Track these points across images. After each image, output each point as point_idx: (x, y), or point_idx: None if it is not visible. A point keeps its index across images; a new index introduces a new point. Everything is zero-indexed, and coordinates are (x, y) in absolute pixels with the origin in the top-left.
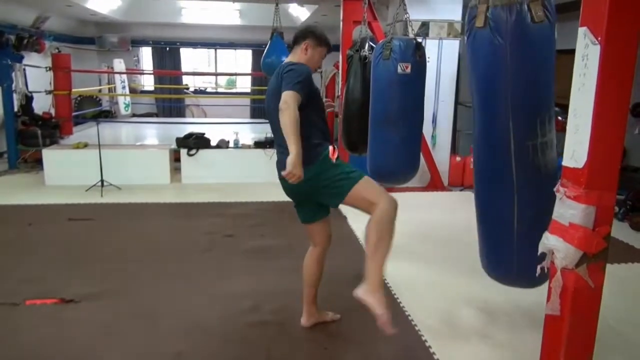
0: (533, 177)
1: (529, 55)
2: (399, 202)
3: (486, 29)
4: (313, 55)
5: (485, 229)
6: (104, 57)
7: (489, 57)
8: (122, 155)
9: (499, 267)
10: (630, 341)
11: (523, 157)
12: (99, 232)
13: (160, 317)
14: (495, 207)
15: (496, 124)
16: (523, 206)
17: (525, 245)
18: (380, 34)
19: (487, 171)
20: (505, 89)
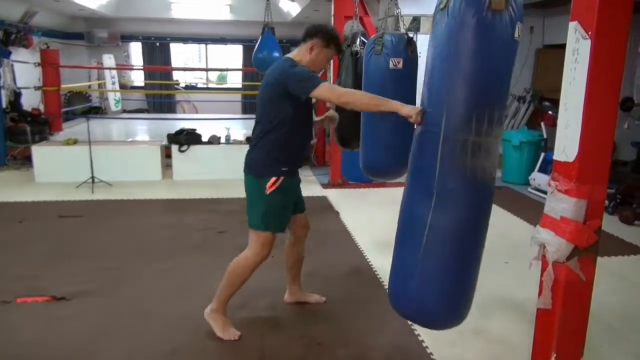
0: (455, 180)
1: (478, 42)
2: (391, 197)
3: (445, 10)
4: (318, 56)
5: (397, 235)
6: (94, 52)
7: (440, 38)
8: (113, 151)
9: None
10: (622, 333)
11: (449, 153)
12: (90, 229)
13: (152, 314)
14: (409, 208)
15: (433, 108)
16: (436, 212)
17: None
18: (372, 29)
19: (412, 164)
20: (445, 76)
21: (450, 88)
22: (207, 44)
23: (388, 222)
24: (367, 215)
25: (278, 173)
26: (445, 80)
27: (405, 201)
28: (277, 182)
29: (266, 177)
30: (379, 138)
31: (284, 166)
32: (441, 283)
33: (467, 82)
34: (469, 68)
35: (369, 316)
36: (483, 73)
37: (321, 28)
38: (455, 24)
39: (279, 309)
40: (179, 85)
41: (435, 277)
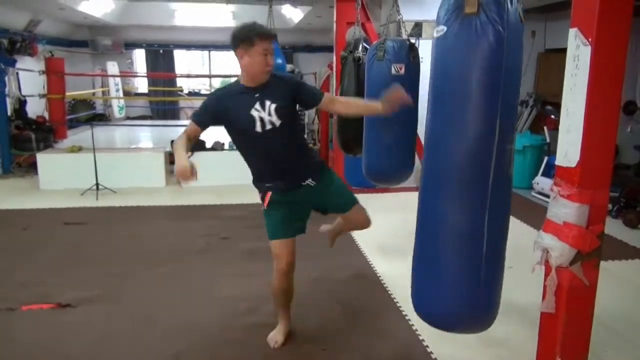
0: (504, 188)
1: (516, 51)
2: (394, 202)
3: (480, 16)
4: (250, 60)
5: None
6: (98, 60)
7: (482, 45)
8: (117, 158)
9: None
10: (626, 338)
11: (501, 164)
12: (95, 235)
13: (157, 320)
14: (455, 223)
15: (480, 120)
16: (492, 221)
17: (493, 271)
18: (374, 35)
19: (453, 179)
20: (498, 81)
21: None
22: (210, 50)
23: (392, 228)
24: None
25: (263, 190)
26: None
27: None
28: (266, 199)
29: (259, 193)
30: (381, 143)
31: (266, 183)
32: (498, 288)
33: (512, 91)
34: (517, 73)
35: (374, 321)
36: (518, 79)
37: (235, 32)
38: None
39: None
40: (183, 92)
41: (497, 282)
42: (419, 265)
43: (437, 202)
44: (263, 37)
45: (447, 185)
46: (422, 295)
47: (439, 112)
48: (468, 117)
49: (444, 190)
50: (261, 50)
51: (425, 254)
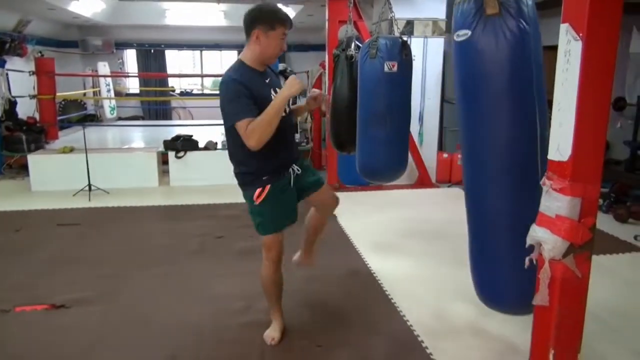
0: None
1: (539, 43)
2: (387, 200)
3: (503, 15)
4: (268, 43)
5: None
6: (88, 60)
7: (512, 45)
8: (110, 159)
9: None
10: (617, 329)
11: (544, 150)
12: (88, 236)
13: (152, 320)
14: (515, 211)
15: (523, 116)
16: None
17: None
18: (366, 33)
19: (508, 175)
20: (531, 77)
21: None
22: (202, 50)
23: (386, 225)
24: (365, 218)
25: (261, 184)
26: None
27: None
28: (263, 193)
29: (251, 190)
30: (375, 141)
31: (264, 175)
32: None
33: (541, 80)
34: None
35: (369, 318)
36: (541, 69)
37: (257, 12)
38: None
39: None
40: (174, 92)
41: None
42: (477, 256)
43: (491, 197)
44: (284, 22)
45: (497, 179)
46: (484, 283)
47: (474, 112)
48: (509, 112)
49: (495, 185)
50: (281, 35)
51: (482, 246)
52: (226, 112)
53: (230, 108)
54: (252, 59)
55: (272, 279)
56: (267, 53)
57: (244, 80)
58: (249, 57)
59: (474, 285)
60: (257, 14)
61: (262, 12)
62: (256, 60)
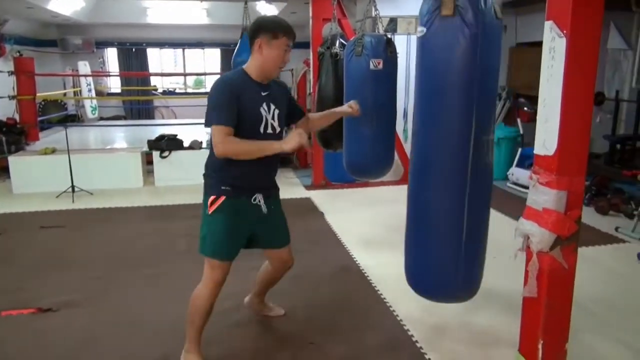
0: (483, 176)
1: (492, 48)
2: (374, 196)
3: (456, 17)
4: (270, 53)
5: (420, 234)
6: (68, 59)
7: (458, 46)
8: (93, 159)
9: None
10: (602, 319)
11: (479, 154)
12: (72, 238)
13: (142, 322)
14: (440, 207)
15: (456, 116)
16: (472, 205)
17: (473, 249)
18: (350, 31)
19: (436, 168)
20: (473, 79)
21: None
22: (184, 48)
23: (373, 221)
24: (352, 215)
25: (218, 192)
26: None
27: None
28: (217, 202)
29: (208, 195)
30: (361, 138)
31: (224, 185)
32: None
33: (488, 87)
34: (494, 70)
35: (359, 314)
36: (495, 76)
37: (260, 22)
38: (477, 31)
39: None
40: (157, 91)
41: (477, 260)
42: (410, 246)
43: (424, 191)
44: (288, 34)
45: (431, 175)
46: (414, 272)
47: (423, 108)
48: (447, 112)
49: (429, 180)
50: (283, 46)
51: (414, 237)
52: (209, 112)
53: (213, 109)
54: (254, 70)
55: (208, 302)
56: (269, 63)
57: (237, 85)
58: (251, 67)
59: (406, 272)
60: (260, 23)
61: (265, 21)
62: (257, 71)
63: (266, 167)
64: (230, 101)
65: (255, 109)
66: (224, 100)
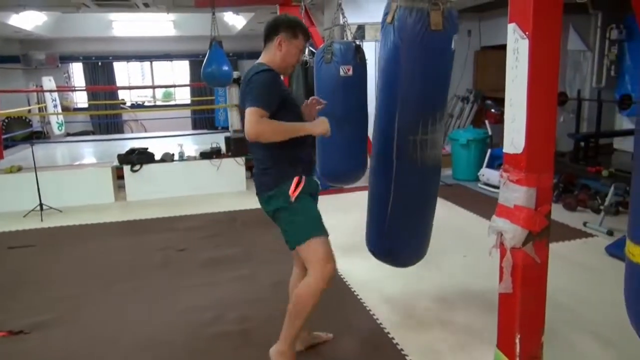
0: (409, 169)
1: (421, 59)
2: (349, 202)
3: (391, 25)
4: (289, 51)
5: (369, 208)
6: (32, 75)
7: (389, 52)
8: (61, 176)
9: (373, 244)
10: (574, 312)
11: (403, 150)
12: (43, 258)
13: (120, 340)
14: (377, 190)
15: (386, 115)
16: (397, 191)
17: (396, 225)
18: (319, 39)
19: (375, 158)
20: (397, 85)
21: (401, 98)
22: (151, 61)
23: (349, 226)
24: (327, 221)
25: (295, 175)
26: (395, 92)
27: (372, 185)
28: (300, 184)
29: (285, 185)
30: (334, 144)
31: (296, 168)
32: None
33: (412, 93)
34: (422, 79)
35: (338, 317)
36: (426, 83)
37: (282, 20)
38: (401, 41)
39: (249, 321)
40: (125, 105)
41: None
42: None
43: (371, 176)
44: (305, 35)
45: (374, 165)
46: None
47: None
48: (379, 113)
49: (373, 169)
50: (300, 46)
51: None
52: (250, 96)
53: (256, 92)
54: (277, 65)
55: (321, 293)
56: (287, 60)
57: (274, 74)
58: (273, 63)
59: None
60: (282, 21)
61: (287, 20)
62: (279, 67)
63: (311, 148)
64: (276, 90)
65: (293, 101)
66: (269, 87)
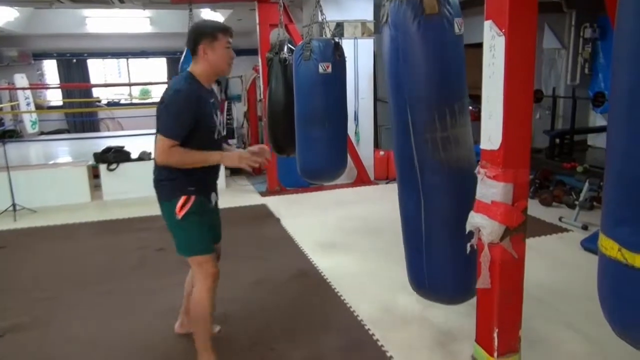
0: (435, 174)
1: (419, 48)
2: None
3: (387, 23)
4: (216, 53)
5: (404, 234)
6: (3, 72)
7: (389, 51)
8: (35, 175)
9: (412, 278)
10: (551, 305)
11: (422, 151)
12: (16, 259)
13: (98, 341)
14: (406, 207)
15: (399, 116)
16: (428, 205)
17: (435, 252)
18: (297, 36)
19: (397, 167)
20: (401, 81)
21: (409, 93)
22: (127, 58)
23: (329, 224)
24: (308, 219)
25: (186, 192)
26: (403, 87)
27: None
28: (188, 203)
29: (173, 200)
30: (314, 142)
31: (190, 186)
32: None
33: (420, 86)
34: (425, 69)
35: (320, 316)
36: (434, 73)
37: (197, 30)
38: (398, 34)
39: (229, 321)
40: (101, 103)
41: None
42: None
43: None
44: (225, 32)
45: (399, 182)
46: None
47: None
48: (392, 116)
49: (399, 186)
50: (225, 44)
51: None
52: (162, 120)
53: (167, 119)
54: (204, 76)
55: (210, 302)
56: (219, 64)
57: (196, 97)
58: (199, 72)
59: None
60: (197, 30)
61: (202, 27)
62: (207, 76)
63: (216, 168)
64: (187, 114)
65: (211, 118)
66: (180, 113)
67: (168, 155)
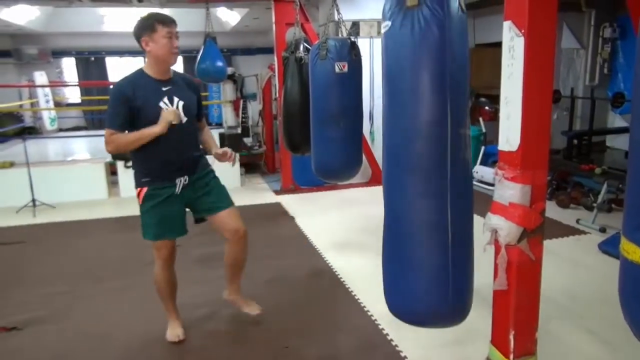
0: (465, 174)
1: (461, 38)
2: (342, 198)
3: (422, 7)
4: (157, 44)
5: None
6: (23, 70)
7: (427, 37)
8: (54, 172)
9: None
10: (568, 308)
11: (456, 149)
12: (35, 254)
13: (113, 336)
14: (423, 211)
15: (432, 109)
16: (455, 213)
17: (462, 260)
18: (313, 35)
19: (415, 166)
20: (444, 71)
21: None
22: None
23: (343, 223)
24: (322, 218)
25: (140, 184)
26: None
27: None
28: (141, 194)
29: (135, 188)
30: (329, 141)
31: (144, 177)
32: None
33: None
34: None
35: (334, 315)
36: (462, 66)
37: (137, 26)
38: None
39: (243, 318)
40: None
41: (467, 271)
42: (389, 261)
43: (402, 194)
44: (164, 22)
45: (409, 174)
46: (395, 292)
47: (393, 104)
48: (420, 106)
49: (406, 181)
50: (164, 34)
51: (395, 249)
52: (106, 114)
53: (108, 112)
54: (150, 68)
55: (163, 276)
56: (160, 53)
57: (129, 87)
58: (148, 66)
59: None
60: (138, 24)
61: (141, 21)
62: (154, 68)
63: (177, 150)
64: (121, 106)
65: (155, 105)
66: (114, 105)
67: (110, 145)
